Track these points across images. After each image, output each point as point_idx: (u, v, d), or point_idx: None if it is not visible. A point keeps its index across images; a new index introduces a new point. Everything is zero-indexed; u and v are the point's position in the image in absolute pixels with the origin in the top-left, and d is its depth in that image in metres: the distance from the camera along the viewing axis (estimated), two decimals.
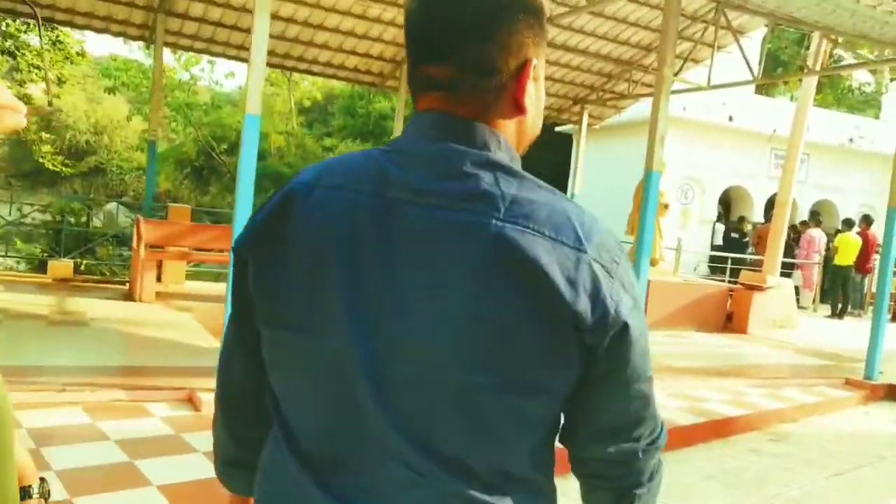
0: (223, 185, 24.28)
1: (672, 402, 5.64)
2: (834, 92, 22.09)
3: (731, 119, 14.94)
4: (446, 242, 0.79)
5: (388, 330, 0.80)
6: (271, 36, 9.85)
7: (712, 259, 14.72)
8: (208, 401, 4.17)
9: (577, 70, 10.80)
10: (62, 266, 8.02)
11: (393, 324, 0.80)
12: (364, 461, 0.83)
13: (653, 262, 10.34)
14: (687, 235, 14.91)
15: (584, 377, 0.82)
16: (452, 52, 0.84)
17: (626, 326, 0.80)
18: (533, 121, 0.90)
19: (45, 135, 27.48)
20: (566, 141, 18.49)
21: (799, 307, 13.29)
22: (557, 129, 18.87)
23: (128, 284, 7.92)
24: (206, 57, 20.10)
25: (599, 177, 15.03)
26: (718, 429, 5.21)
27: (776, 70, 16.17)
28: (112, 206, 27.61)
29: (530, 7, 0.85)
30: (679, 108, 14.40)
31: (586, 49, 10.16)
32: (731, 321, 10.25)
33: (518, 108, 0.87)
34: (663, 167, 6.14)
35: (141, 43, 22.85)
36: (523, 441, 0.83)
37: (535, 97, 0.89)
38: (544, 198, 0.82)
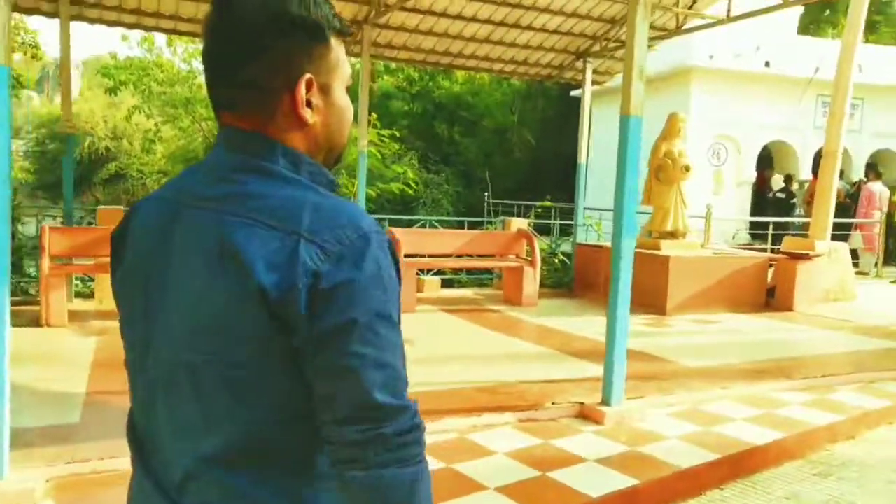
0: None
1: (673, 426, 4.19)
2: (892, 29, 19.79)
3: (767, 65, 13.09)
4: (199, 238, 0.91)
5: (158, 325, 0.95)
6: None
7: (754, 226, 12.95)
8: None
9: (576, 16, 9.23)
10: None
11: (160, 318, 0.95)
12: (161, 451, 0.97)
13: (675, 235, 8.82)
14: (722, 200, 13.21)
15: (297, 353, 0.88)
16: (228, 75, 0.95)
17: (330, 306, 0.85)
18: (328, 130, 1.00)
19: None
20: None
21: (860, 273, 11.50)
22: (573, 93, 17.26)
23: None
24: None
25: (615, 144, 13.40)
26: (739, 465, 3.75)
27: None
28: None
29: (300, 28, 0.94)
30: (704, 56, 12.70)
31: None
32: (773, 298, 8.63)
33: (299, 121, 0.96)
34: (639, 110, 4.64)
35: (140, 39, 22.05)
36: (262, 417, 0.90)
37: (327, 108, 0.99)
38: (290, 194, 0.92)
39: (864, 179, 12.13)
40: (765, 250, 10.77)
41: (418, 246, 8.50)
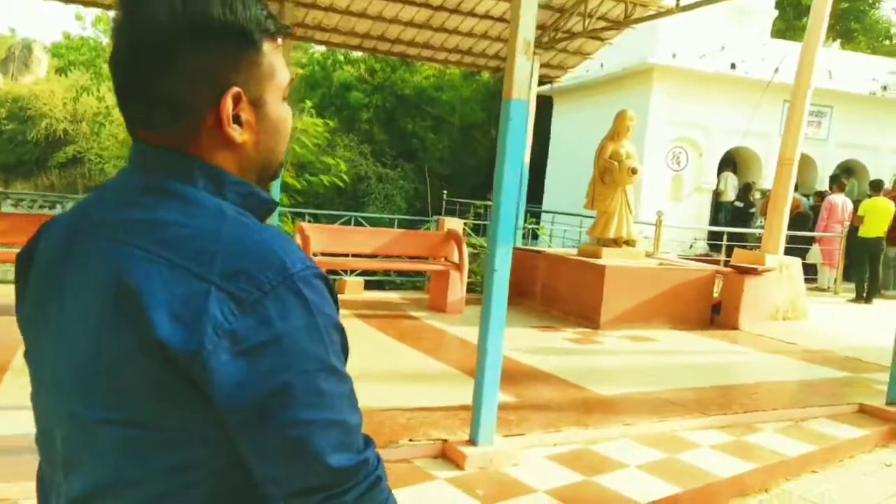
0: None
1: (549, 474, 3.47)
2: (868, 38, 19.31)
3: (733, 67, 12.46)
4: (95, 272, 0.78)
5: (49, 364, 0.83)
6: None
7: (715, 236, 12.32)
8: None
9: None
10: None
11: (48, 358, 0.83)
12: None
13: (618, 242, 8.16)
14: (681, 207, 12.57)
15: (218, 419, 0.74)
16: (139, 90, 0.81)
17: (254, 371, 0.72)
18: (262, 148, 0.86)
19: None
20: (548, 105, 16.18)
21: (817, 289, 10.92)
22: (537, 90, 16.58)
23: None
24: None
25: (574, 145, 12.78)
26: None
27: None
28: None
29: (223, 33, 0.80)
30: (667, 54, 12.04)
31: None
32: (718, 314, 7.98)
33: (226, 141, 0.83)
34: (524, 90, 3.90)
35: (94, 18, 21.16)
36: (179, 486, 0.77)
37: (260, 124, 0.85)
38: (206, 224, 0.77)
39: (829, 191, 11.53)
40: (719, 262, 10.13)
41: (334, 244, 7.76)
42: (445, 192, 18.24)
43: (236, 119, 0.82)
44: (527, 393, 4.68)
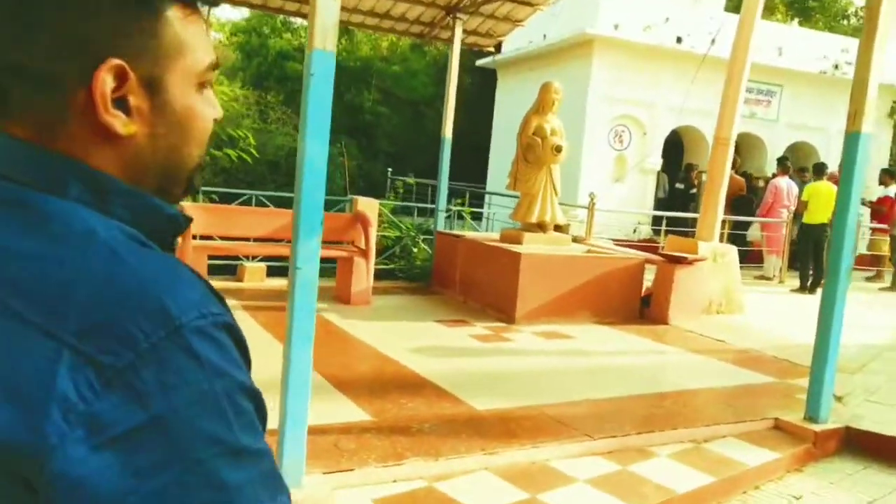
0: None
1: None
2: (825, 16, 18.81)
3: (679, 41, 11.78)
4: None
5: None
6: None
7: (658, 220, 11.71)
8: None
9: None
10: None
11: None
12: None
13: (543, 227, 7.47)
14: (623, 189, 11.92)
15: None
16: None
17: (125, 468, 0.50)
18: (160, 146, 0.65)
19: None
20: (492, 79, 15.40)
21: (762, 277, 10.38)
22: (479, 63, 15.78)
23: None
24: None
25: (518, 121, 12.04)
26: None
27: None
28: None
29: None
30: (608, 25, 11.30)
31: None
32: (648, 307, 7.35)
33: (103, 131, 0.61)
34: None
35: None
36: None
37: (157, 113, 0.64)
38: (65, 255, 0.56)
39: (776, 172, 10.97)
40: (657, 248, 9.53)
41: (221, 226, 6.95)
42: (390, 169, 17.45)
43: (121, 103, 0.61)
44: (389, 409, 3.97)
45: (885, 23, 4.04)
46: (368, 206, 8.39)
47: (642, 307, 7.39)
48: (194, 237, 6.73)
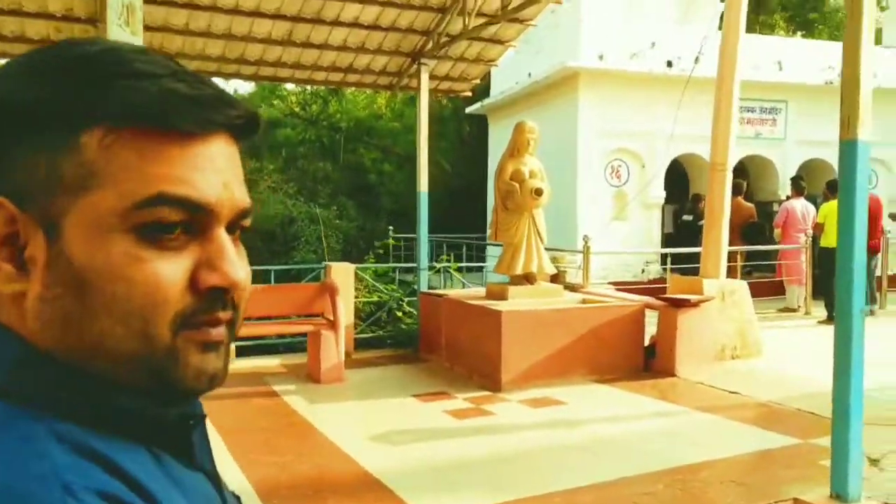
0: None
1: None
2: (828, 27, 18.16)
3: (670, 65, 11.18)
4: None
5: None
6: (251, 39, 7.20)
7: (673, 258, 10.92)
8: None
9: (393, 5, 7.25)
10: None
11: None
12: None
13: (530, 279, 6.81)
14: (626, 227, 11.18)
15: None
16: None
17: None
18: (59, 315, 0.50)
19: None
20: (483, 126, 14.92)
21: (786, 309, 9.51)
22: (468, 110, 15.34)
23: None
24: None
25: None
26: None
27: None
28: None
29: None
30: (592, 55, 10.74)
31: None
32: (654, 357, 6.57)
33: None
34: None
35: None
36: None
37: (51, 268, 0.50)
38: None
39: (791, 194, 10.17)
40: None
41: None
42: (391, 228, 16.94)
43: (9, 251, 0.50)
44: None
45: (869, 12, 3.38)
46: (343, 271, 7.81)
47: (647, 358, 6.61)
48: None
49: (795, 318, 9.24)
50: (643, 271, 11.00)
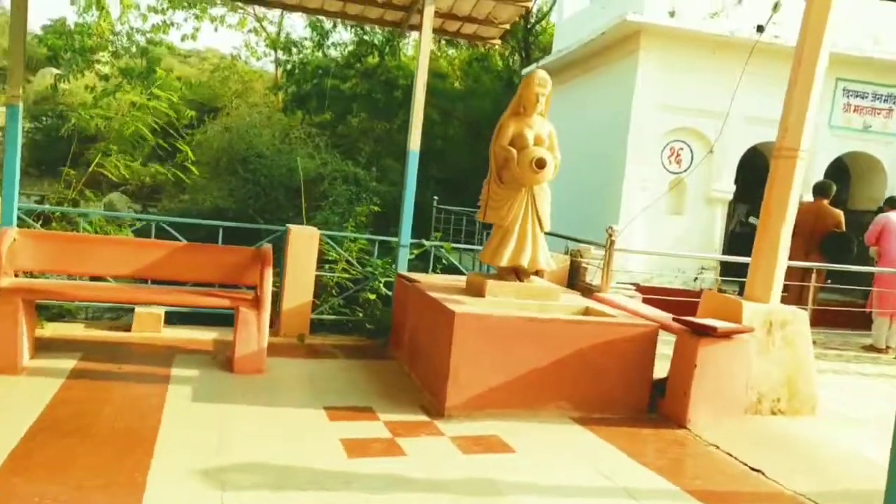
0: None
1: None
2: None
3: (760, 30, 9.08)
4: None
5: None
6: None
7: (732, 267, 9.01)
8: None
9: None
10: None
11: None
12: None
13: (519, 273, 5.35)
14: (682, 224, 9.32)
15: None
16: None
17: None
18: None
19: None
20: None
21: (871, 348, 7.56)
22: (524, 72, 13.54)
23: None
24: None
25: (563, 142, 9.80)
26: None
27: None
28: (114, 195, 24.91)
29: None
30: (661, 11, 8.83)
31: None
32: (663, 396, 4.92)
33: None
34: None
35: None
36: None
37: None
38: None
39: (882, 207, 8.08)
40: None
41: (66, 260, 5.19)
42: (436, 198, 15.50)
43: None
44: None
45: None
46: (305, 237, 6.47)
47: (655, 395, 4.97)
48: (18, 275, 5.01)
49: (880, 364, 7.24)
50: (695, 279, 9.15)
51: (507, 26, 7.45)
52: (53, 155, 26.30)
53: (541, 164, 5.15)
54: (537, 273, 5.58)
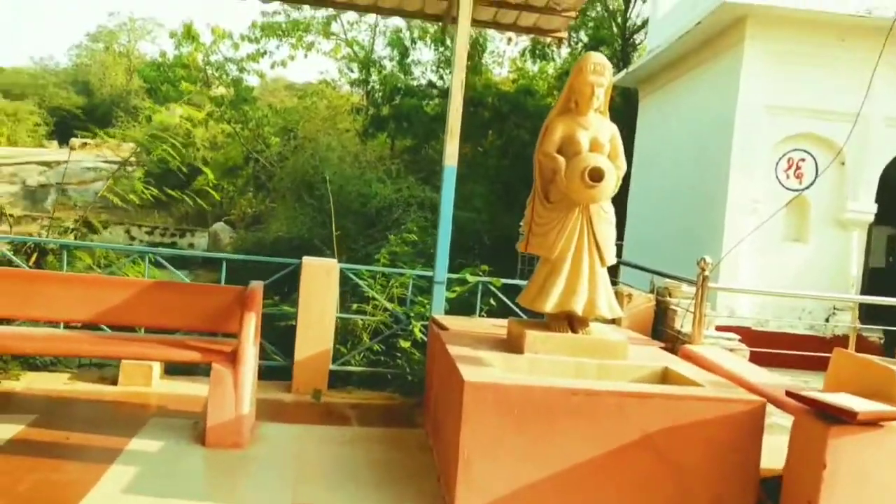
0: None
1: None
2: None
3: None
4: None
5: None
6: None
7: (874, 309, 7.15)
8: None
9: None
10: None
11: None
12: None
13: (573, 322, 4.08)
14: (804, 254, 7.55)
15: None
16: None
17: None
18: None
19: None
20: (633, 102, 11.64)
21: None
22: (615, 79, 12.03)
23: None
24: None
25: (661, 151, 8.36)
26: None
27: None
28: (218, 225, 25.38)
29: None
30: None
31: None
32: (774, 502, 3.41)
33: None
34: None
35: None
36: None
37: None
38: None
39: None
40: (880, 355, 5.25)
41: (15, 303, 4.35)
42: (521, 224, 14.22)
43: None
44: None
45: None
46: (322, 272, 5.40)
47: (763, 499, 3.47)
48: None
49: None
50: (827, 320, 7.32)
51: (573, 14, 6.16)
52: (162, 183, 27.34)
53: (596, 175, 3.88)
54: (614, 321, 4.24)
